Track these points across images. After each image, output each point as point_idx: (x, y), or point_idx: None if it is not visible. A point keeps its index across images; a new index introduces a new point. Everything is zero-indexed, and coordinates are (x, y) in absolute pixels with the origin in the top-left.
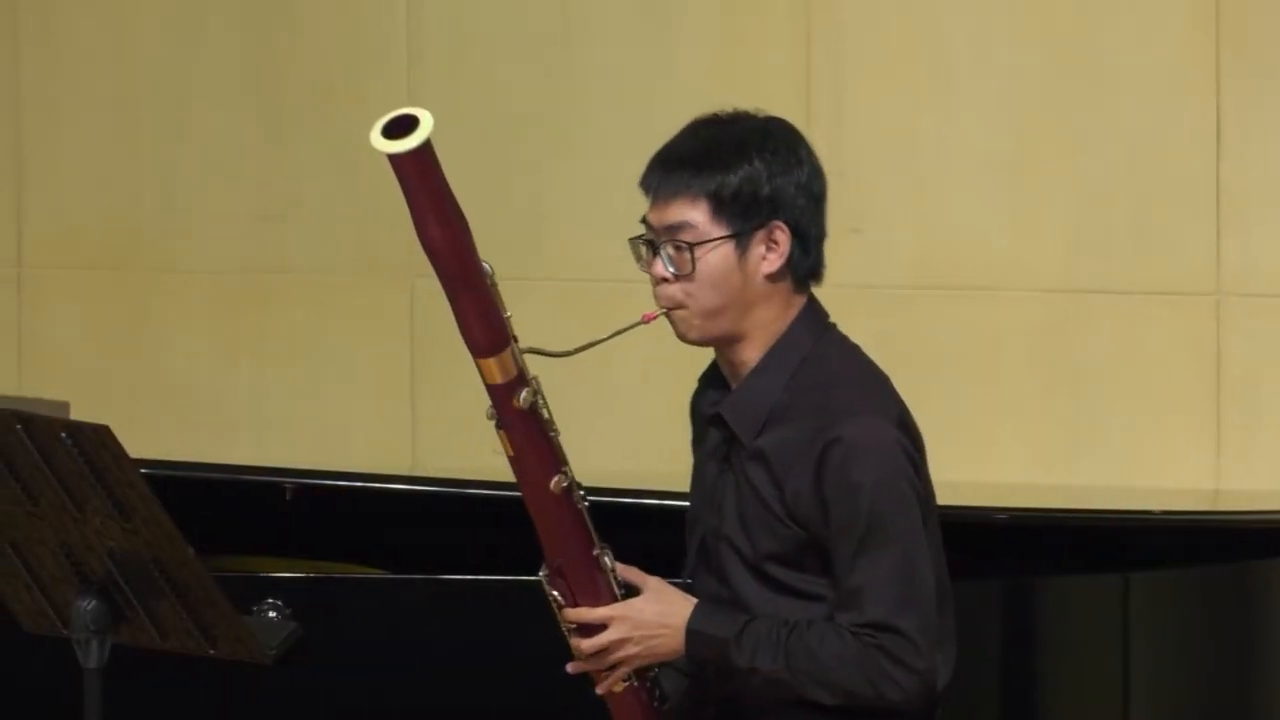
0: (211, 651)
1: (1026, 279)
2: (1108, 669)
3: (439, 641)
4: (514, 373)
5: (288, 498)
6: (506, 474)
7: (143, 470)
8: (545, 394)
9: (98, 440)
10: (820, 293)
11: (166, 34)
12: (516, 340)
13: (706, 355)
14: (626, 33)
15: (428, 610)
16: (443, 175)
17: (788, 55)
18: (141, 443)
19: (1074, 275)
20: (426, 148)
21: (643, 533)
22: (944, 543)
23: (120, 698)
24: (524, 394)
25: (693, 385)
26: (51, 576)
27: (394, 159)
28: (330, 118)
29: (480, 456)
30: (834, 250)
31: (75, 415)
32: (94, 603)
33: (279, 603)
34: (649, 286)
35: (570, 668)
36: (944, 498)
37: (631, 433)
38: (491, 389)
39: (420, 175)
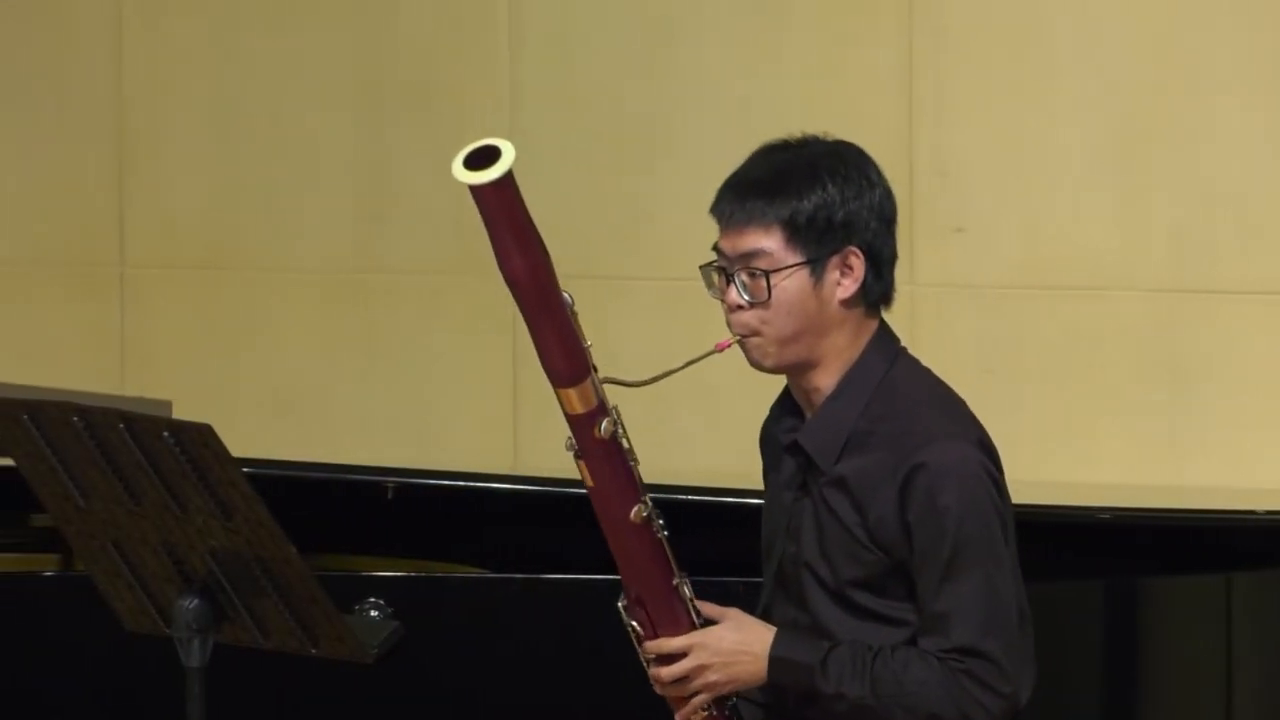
0: (313, 650)
1: (1130, 278)
2: (1210, 669)
3: (539, 641)
4: (594, 403)
5: (389, 497)
6: None
7: (244, 469)
8: (647, 393)
9: (200, 439)
10: (922, 291)
11: (268, 34)
12: (596, 370)
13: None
14: (729, 32)
15: (528, 610)
16: (524, 206)
17: (891, 54)
18: (243, 442)
19: (1178, 274)
20: (508, 179)
21: (746, 532)
22: (1047, 542)
23: (222, 696)
24: (604, 424)
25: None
26: (154, 575)
27: (475, 190)
28: (431, 117)
29: None
30: (937, 249)
31: (177, 415)
32: (196, 602)
33: (380, 602)
34: None
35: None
36: (1046, 497)
37: (734, 430)
38: (572, 419)
39: (501, 206)
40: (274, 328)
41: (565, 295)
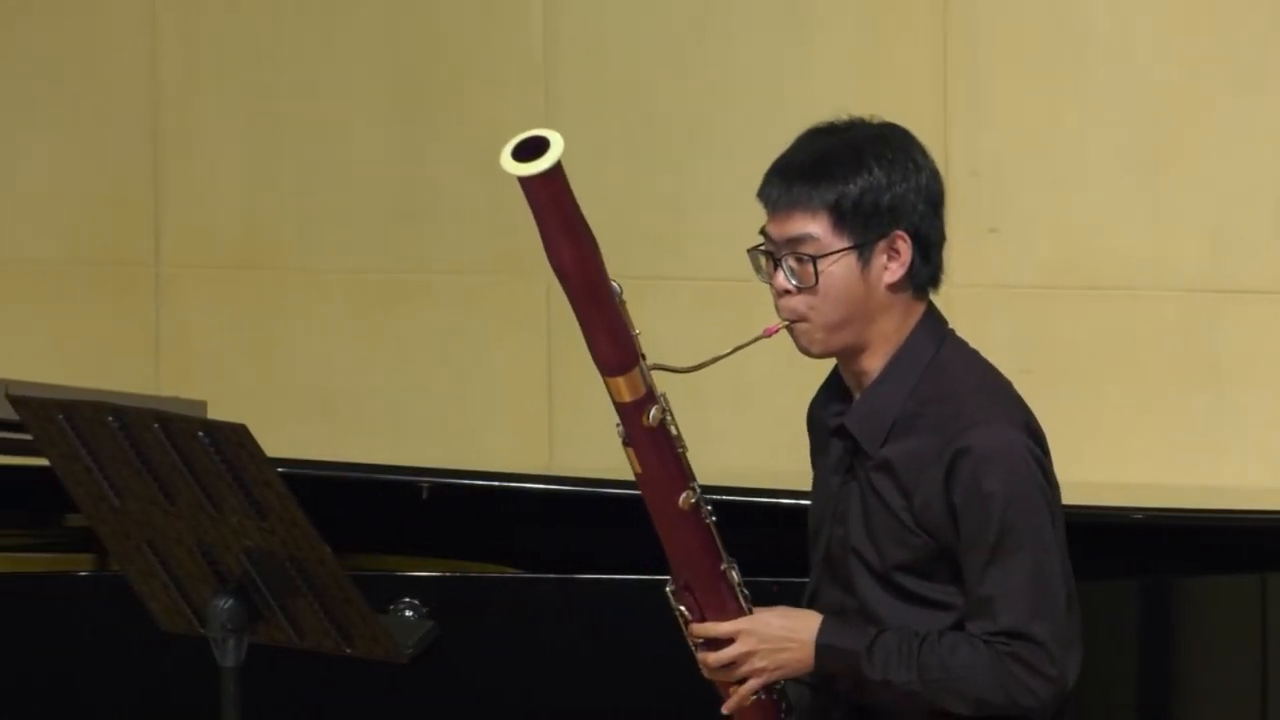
0: (348, 650)
1: (1166, 278)
2: (1244, 669)
3: (573, 641)
4: (642, 390)
5: (424, 497)
6: None
7: (279, 469)
8: (682, 391)
9: (235, 439)
10: (957, 292)
11: (304, 34)
12: (644, 358)
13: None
14: (765, 31)
15: (563, 610)
16: (573, 196)
17: (925, 53)
18: (278, 442)
19: (1214, 274)
20: (557, 170)
21: (779, 531)
22: (1081, 542)
23: (256, 696)
24: (653, 411)
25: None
26: (189, 575)
27: (524, 181)
28: (467, 117)
29: (617, 456)
30: (971, 249)
31: (212, 414)
32: (231, 601)
33: (415, 601)
34: None
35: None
36: (1081, 497)
37: (768, 430)
38: (620, 407)
39: (550, 197)
40: (309, 327)
41: (614, 285)
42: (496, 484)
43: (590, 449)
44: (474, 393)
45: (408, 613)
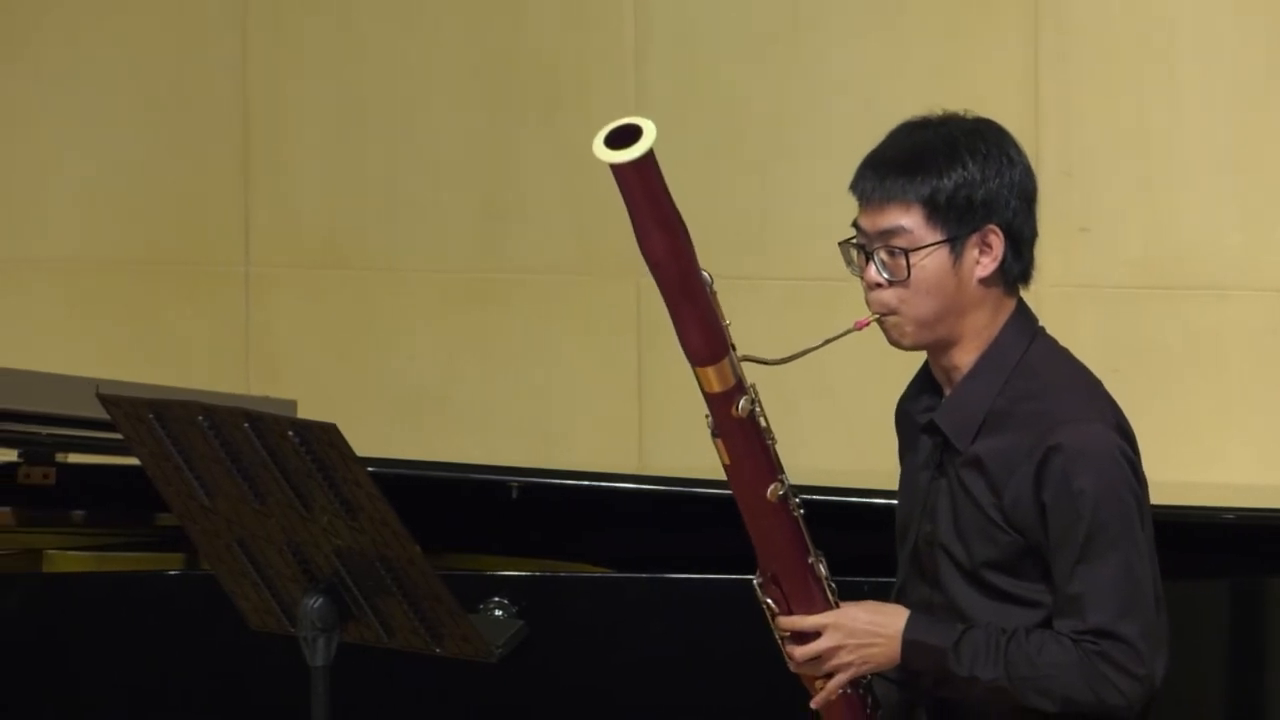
0: (437, 650)
1: (1256, 278)
2: None
3: (663, 641)
4: (732, 381)
5: (514, 496)
6: None
7: (369, 469)
8: (765, 393)
9: (325, 438)
10: (1046, 291)
11: (392, 33)
12: (735, 349)
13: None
14: (853, 31)
15: (653, 609)
16: (664, 184)
17: (1016, 53)
18: (367, 441)
19: None
20: (649, 158)
21: (866, 533)
22: (1171, 542)
23: (345, 695)
24: (742, 402)
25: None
26: (279, 574)
27: (616, 169)
28: (556, 116)
29: (706, 455)
30: (1061, 249)
31: (302, 414)
32: (321, 601)
33: (505, 601)
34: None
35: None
36: (1170, 498)
37: (852, 429)
38: (710, 397)
39: (642, 185)
40: (398, 327)
41: (705, 274)
42: (586, 483)
43: (679, 448)
44: (563, 392)
45: (497, 612)
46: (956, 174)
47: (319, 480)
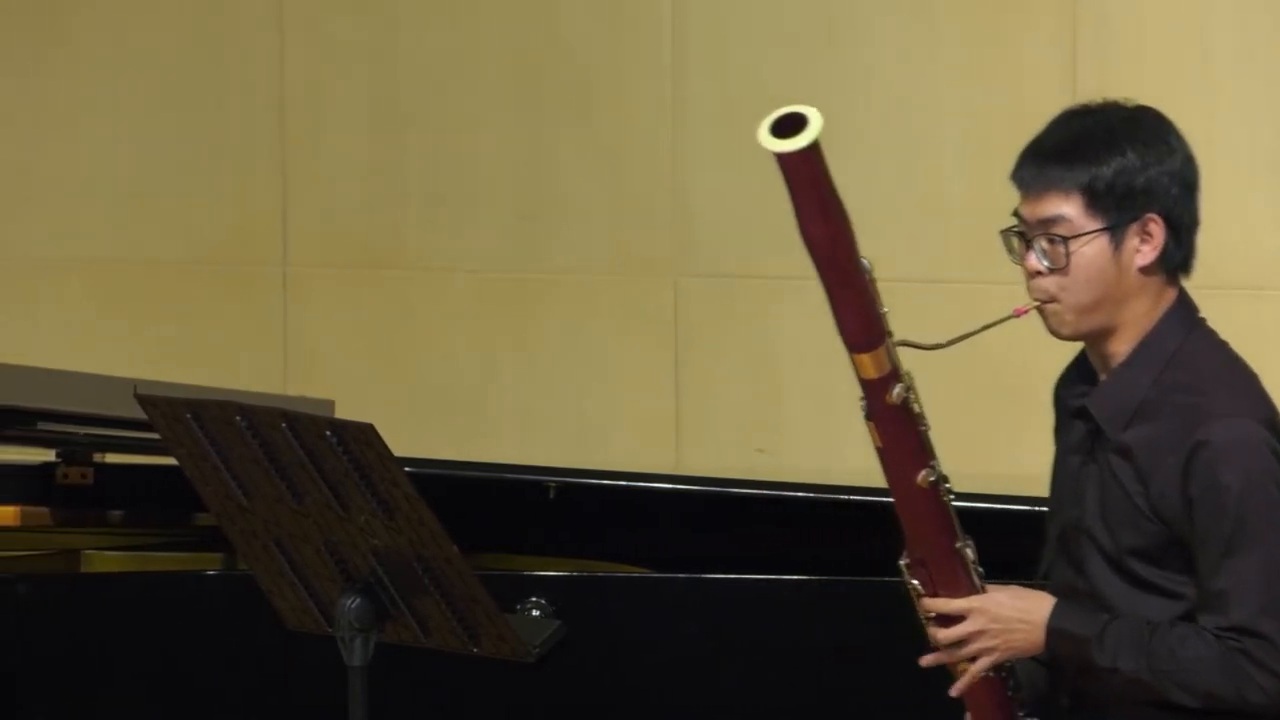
0: (474, 650)
1: None
2: None
3: (700, 641)
4: (888, 368)
5: (551, 496)
6: (770, 473)
7: (406, 469)
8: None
9: (362, 438)
10: None
11: (429, 33)
12: (891, 335)
13: (1071, 348)
14: (890, 31)
15: (691, 610)
16: (828, 173)
17: (1052, 54)
18: (405, 441)
19: None
20: (815, 147)
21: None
22: None
23: (383, 695)
24: (897, 389)
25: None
26: (316, 574)
27: (782, 158)
28: (592, 116)
29: (744, 455)
30: None
31: (339, 414)
32: (358, 600)
33: (542, 601)
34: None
35: (925, 661)
36: None
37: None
38: (865, 383)
39: (808, 173)
40: (435, 327)
41: (864, 262)
42: (624, 484)
43: (717, 448)
44: (600, 392)
45: (535, 612)
46: (1115, 162)
47: (356, 480)
